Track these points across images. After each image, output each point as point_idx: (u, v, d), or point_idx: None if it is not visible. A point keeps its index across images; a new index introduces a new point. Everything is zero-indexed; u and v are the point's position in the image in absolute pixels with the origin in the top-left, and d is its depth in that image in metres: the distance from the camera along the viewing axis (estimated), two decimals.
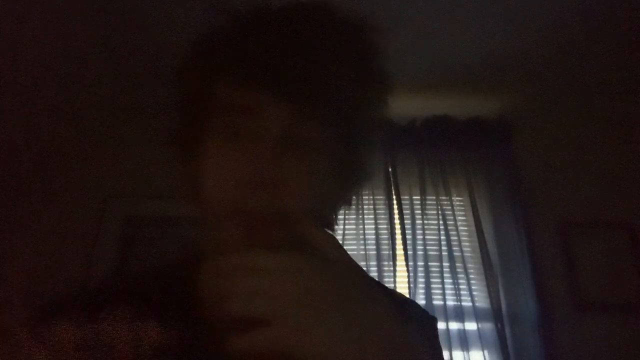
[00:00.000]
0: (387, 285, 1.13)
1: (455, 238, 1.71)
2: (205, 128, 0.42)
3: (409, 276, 1.64)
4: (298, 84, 0.37)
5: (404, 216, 1.74)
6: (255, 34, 0.39)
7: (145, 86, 1.68)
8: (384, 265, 1.66)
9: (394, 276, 1.64)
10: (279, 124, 0.38)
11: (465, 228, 1.76)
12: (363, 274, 0.34)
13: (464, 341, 1.55)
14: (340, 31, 0.41)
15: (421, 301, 1.60)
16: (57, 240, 1.71)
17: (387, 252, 1.69)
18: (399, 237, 1.72)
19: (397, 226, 1.74)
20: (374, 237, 1.72)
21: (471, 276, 1.66)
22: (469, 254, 1.70)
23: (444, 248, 1.69)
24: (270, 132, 0.38)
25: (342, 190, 0.48)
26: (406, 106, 1.85)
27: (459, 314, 1.59)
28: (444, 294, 1.62)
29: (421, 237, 1.72)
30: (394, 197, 1.78)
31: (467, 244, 1.73)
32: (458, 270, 1.65)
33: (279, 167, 0.37)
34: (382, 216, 1.77)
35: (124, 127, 1.73)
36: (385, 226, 1.74)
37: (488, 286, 1.62)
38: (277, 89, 0.37)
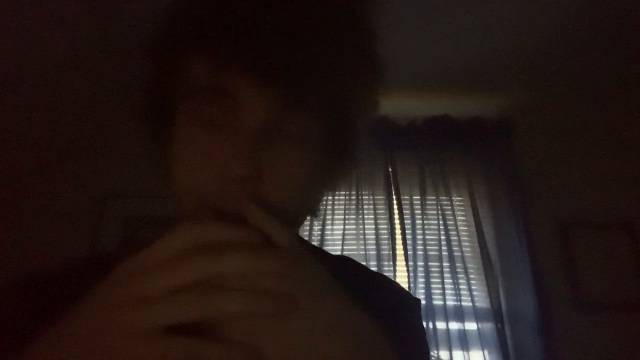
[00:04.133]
0: None
1: (455, 238, 1.71)
2: (176, 113, 0.38)
3: (409, 276, 1.64)
4: (284, 67, 0.32)
5: (404, 216, 1.74)
6: (235, 6, 0.33)
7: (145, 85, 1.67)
8: (384, 265, 1.66)
9: (394, 276, 1.63)
10: (259, 114, 0.34)
11: (465, 228, 1.76)
12: (326, 277, 0.29)
13: (464, 341, 1.55)
14: (336, 8, 0.36)
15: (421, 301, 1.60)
16: (57, 240, 1.70)
17: (387, 252, 1.69)
18: (399, 237, 1.72)
19: (397, 226, 1.74)
20: (374, 237, 1.72)
21: (471, 276, 1.66)
22: (469, 254, 1.70)
23: (444, 248, 1.69)
24: (248, 123, 0.34)
25: (328, 181, 0.44)
26: (406, 106, 1.85)
27: (459, 314, 1.59)
28: (444, 294, 1.62)
29: (421, 237, 1.72)
30: (394, 197, 1.78)
31: (467, 244, 1.73)
32: (458, 270, 1.65)
33: (254, 162, 0.32)
34: (382, 216, 1.77)
35: (123, 126, 1.73)
36: (385, 226, 1.74)
37: (488, 286, 1.62)
38: (258, 72, 0.32)
